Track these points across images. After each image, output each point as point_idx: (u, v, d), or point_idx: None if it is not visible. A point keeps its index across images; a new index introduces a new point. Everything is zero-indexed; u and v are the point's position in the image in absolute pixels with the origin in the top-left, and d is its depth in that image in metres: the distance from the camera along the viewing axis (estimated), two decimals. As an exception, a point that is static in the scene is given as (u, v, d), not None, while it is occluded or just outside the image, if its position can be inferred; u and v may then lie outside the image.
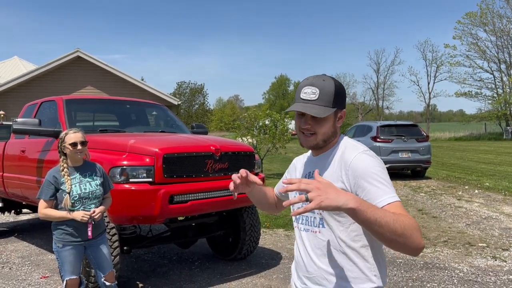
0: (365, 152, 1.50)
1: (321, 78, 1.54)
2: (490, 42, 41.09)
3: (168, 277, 4.81)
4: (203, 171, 4.32)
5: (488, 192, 10.04)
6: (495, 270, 4.80)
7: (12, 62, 25.17)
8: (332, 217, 1.50)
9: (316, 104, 1.50)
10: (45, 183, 3.15)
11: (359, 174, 1.43)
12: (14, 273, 5.05)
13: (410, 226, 1.28)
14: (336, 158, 1.55)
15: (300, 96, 1.54)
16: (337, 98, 1.53)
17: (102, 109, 6.28)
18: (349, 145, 1.57)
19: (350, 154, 1.50)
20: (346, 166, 1.47)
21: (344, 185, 1.46)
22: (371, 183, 1.40)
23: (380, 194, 1.38)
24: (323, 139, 1.55)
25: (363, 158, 1.47)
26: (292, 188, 1.27)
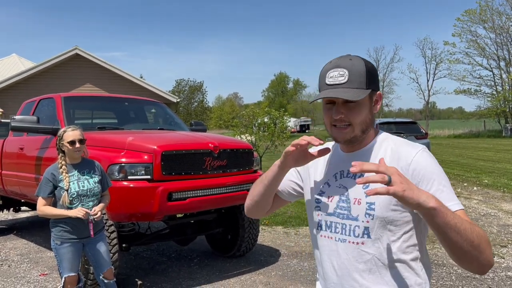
0: (426, 150, 1.31)
1: (347, 57, 1.32)
2: (490, 39, 41.09)
3: (167, 274, 4.81)
4: (202, 168, 4.32)
5: (487, 189, 10.05)
6: (493, 267, 4.81)
7: (10, 60, 25.11)
8: (384, 226, 1.27)
9: (347, 87, 1.27)
10: (43, 180, 3.14)
11: (424, 175, 1.24)
12: (13, 270, 5.05)
13: (485, 238, 1.13)
14: (386, 154, 1.32)
15: (326, 82, 1.30)
16: (370, 78, 1.30)
17: (100, 107, 6.27)
18: (399, 141, 1.35)
19: (409, 151, 1.29)
20: (406, 164, 1.26)
21: None
22: (437, 186, 1.22)
23: (447, 199, 1.20)
24: (361, 129, 1.31)
25: (426, 157, 1.28)
26: (370, 167, 1.08)
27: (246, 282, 4.51)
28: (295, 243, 6.02)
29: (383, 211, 1.26)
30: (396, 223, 1.27)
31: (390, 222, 1.27)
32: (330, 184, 1.41)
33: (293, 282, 4.50)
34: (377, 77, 1.35)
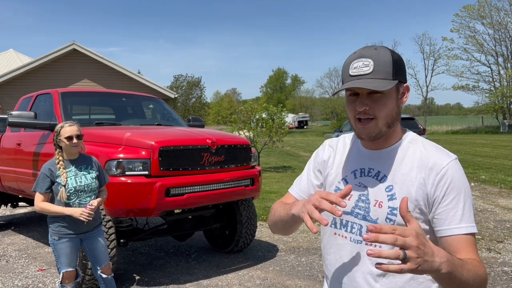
0: (457, 161, 1.23)
1: (371, 47, 1.23)
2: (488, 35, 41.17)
3: (165, 269, 4.82)
4: (200, 164, 4.32)
5: (484, 185, 10.09)
6: (489, 262, 4.84)
7: (7, 55, 25.02)
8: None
9: (372, 77, 1.19)
10: (41, 176, 3.14)
11: (452, 187, 1.18)
12: (11, 266, 5.05)
13: (483, 280, 1.09)
14: (414, 158, 1.25)
15: (350, 73, 1.22)
16: (397, 68, 1.22)
17: (98, 102, 6.26)
18: (430, 145, 1.27)
19: (442, 159, 1.21)
20: (436, 171, 1.19)
21: (426, 190, 1.20)
22: (458, 201, 1.17)
23: (460, 219, 1.15)
24: (386, 123, 1.23)
25: (458, 169, 1.21)
26: (386, 240, 0.95)
27: (244, 277, 4.52)
28: (292, 238, 6.04)
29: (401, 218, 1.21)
30: None
31: None
32: (348, 181, 1.33)
33: (291, 277, 4.52)
34: (404, 68, 1.27)
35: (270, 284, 4.33)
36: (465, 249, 1.14)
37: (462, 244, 1.14)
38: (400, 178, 1.23)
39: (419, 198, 1.20)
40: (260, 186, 4.98)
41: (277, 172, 13.55)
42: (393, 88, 1.22)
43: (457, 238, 1.15)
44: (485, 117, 41.32)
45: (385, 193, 1.24)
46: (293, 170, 13.99)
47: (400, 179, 1.23)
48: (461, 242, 1.14)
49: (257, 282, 4.39)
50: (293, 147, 24.73)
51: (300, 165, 15.58)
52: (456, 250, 1.14)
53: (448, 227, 1.16)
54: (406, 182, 1.22)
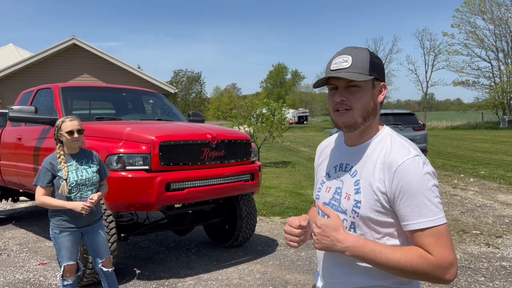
0: (415, 158, 1.26)
1: (352, 47, 1.35)
2: (488, 31, 41.04)
3: (165, 263, 4.85)
4: (200, 159, 4.34)
5: (483, 181, 10.12)
6: (488, 257, 4.86)
7: (7, 50, 24.97)
8: (368, 224, 1.31)
9: (349, 71, 1.30)
10: (42, 169, 3.16)
11: (404, 186, 1.23)
12: (12, 260, 5.08)
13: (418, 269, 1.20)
14: (379, 154, 1.31)
15: (330, 68, 1.34)
16: (374, 66, 1.32)
17: (98, 97, 6.27)
18: (397, 142, 1.32)
19: (399, 157, 1.26)
20: (391, 169, 1.26)
21: (385, 189, 1.27)
22: (413, 200, 1.22)
23: (417, 215, 1.22)
24: (361, 115, 1.32)
25: (414, 166, 1.24)
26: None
27: (244, 272, 4.55)
28: (292, 233, 6.06)
29: (366, 211, 1.30)
30: (379, 223, 1.31)
31: (373, 222, 1.31)
32: (330, 175, 1.46)
33: (290, 271, 4.55)
34: (381, 68, 1.36)
35: (269, 278, 4.36)
36: (419, 242, 1.23)
37: (418, 237, 1.23)
38: (365, 174, 1.33)
39: (379, 193, 1.28)
40: (260, 181, 5.00)
41: (277, 167, 13.57)
42: (369, 83, 1.33)
43: (415, 233, 1.24)
44: (485, 113, 41.29)
45: (353, 186, 1.35)
46: (293, 165, 14.01)
47: (365, 174, 1.33)
48: (418, 236, 1.23)
49: (256, 276, 4.42)
50: (293, 143, 24.74)
51: (300, 160, 15.60)
52: (415, 243, 1.24)
53: (407, 223, 1.25)
54: (369, 177, 1.31)
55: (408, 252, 1.22)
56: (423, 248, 1.22)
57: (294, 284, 4.19)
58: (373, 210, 1.29)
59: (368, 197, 1.30)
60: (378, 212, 1.29)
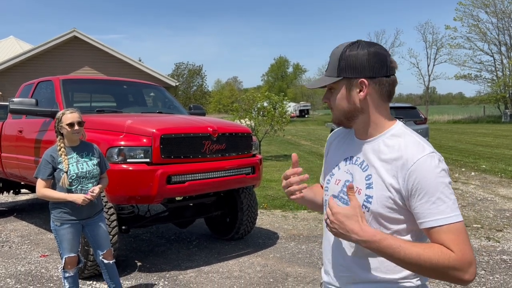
0: (432, 155, 1.24)
1: (336, 46, 1.34)
2: (491, 24, 40.77)
3: (166, 256, 4.87)
4: (201, 152, 4.33)
5: (485, 174, 10.11)
6: (488, 250, 4.87)
7: (8, 42, 24.92)
8: (378, 220, 1.29)
9: (326, 75, 1.33)
10: (43, 162, 3.16)
11: (421, 183, 1.21)
12: (13, 251, 5.10)
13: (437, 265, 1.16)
14: (394, 150, 1.29)
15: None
16: (345, 65, 1.29)
17: (99, 90, 6.25)
18: (411, 139, 1.30)
19: (414, 154, 1.24)
20: (406, 167, 1.23)
21: (399, 186, 1.25)
22: (430, 197, 1.20)
23: (435, 212, 1.19)
24: (341, 115, 1.35)
25: (429, 164, 1.22)
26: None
27: (244, 264, 4.57)
28: (293, 226, 6.08)
29: (378, 207, 1.28)
30: (389, 220, 1.29)
31: (383, 218, 1.29)
32: (340, 167, 1.44)
33: (291, 264, 4.56)
34: (358, 64, 1.28)
35: (270, 271, 4.37)
36: (438, 239, 1.20)
37: (436, 234, 1.20)
38: (377, 169, 1.30)
39: (392, 190, 1.26)
40: (261, 175, 5.00)
41: (278, 160, 13.57)
42: (340, 85, 1.32)
43: (433, 230, 1.21)
44: (487, 107, 41.14)
45: (364, 181, 1.32)
46: (294, 158, 13.98)
47: (378, 169, 1.30)
48: (437, 233, 1.20)
49: (257, 269, 4.43)
50: (294, 136, 24.72)
51: (301, 154, 15.60)
52: (434, 240, 1.21)
53: (424, 220, 1.21)
54: (382, 173, 1.28)
55: (428, 248, 1.19)
56: (443, 245, 1.18)
57: (294, 277, 4.20)
58: (384, 206, 1.27)
59: (380, 193, 1.28)
60: (390, 209, 1.27)
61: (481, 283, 3.98)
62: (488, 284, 3.95)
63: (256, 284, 4.03)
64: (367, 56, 1.28)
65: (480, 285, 3.94)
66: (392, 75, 1.32)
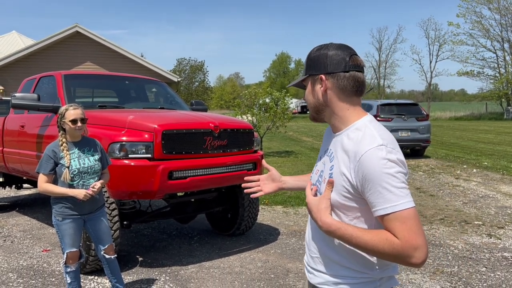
0: (380, 147, 1.29)
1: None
2: (494, 21, 40.56)
3: (167, 251, 4.88)
4: (202, 147, 4.33)
5: (486, 171, 10.09)
6: (489, 247, 4.87)
7: (10, 37, 24.92)
8: (338, 207, 1.39)
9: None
10: (44, 157, 3.16)
11: (368, 175, 1.27)
12: (16, 246, 5.13)
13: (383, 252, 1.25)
14: (351, 143, 1.36)
15: None
16: (310, 63, 1.46)
17: (101, 85, 6.25)
18: (368, 131, 1.35)
19: (364, 146, 1.30)
20: (356, 159, 1.31)
21: (351, 176, 1.32)
22: (377, 187, 1.26)
23: (382, 201, 1.25)
24: (312, 109, 1.51)
25: (375, 155, 1.27)
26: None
27: (246, 260, 4.58)
28: (294, 222, 6.09)
29: (335, 195, 1.38)
30: (345, 208, 1.38)
31: (341, 206, 1.38)
32: (320, 158, 1.57)
33: (292, 260, 4.57)
34: (319, 61, 1.42)
35: (271, 266, 4.38)
36: (388, 226, 1.27)
37: (386, 222, 1.27)
38: (338, 160, 1.40)
39: (346, 179, 1.35)
40: (262, 171, 5.00)
41: (280, 157, 13.57)
42: (307, 82, 1.49)
43: (383, 219, 1.28)
44: (489, 104, 41.01)
45: (328, 171, 1.44)
46: (296, 155, 14.00)
47: (338, 160, 1.40)
48: (386, 221, 1.27)
49: (258, 264, 4.44)
50: (296, 132, 24.70)
51: (303, 150, 15.59)
52: (386, 228, 1.28)
53: (374, 209, 1.29)
54: (340, 164, 1.38)
55: (376, 235, 1.27)
56: (391, 232, 1.26)
57: (295, 273, 4.21)
58: (340, 194, 1.36)
59: (337, 182, 1.37)
60: (345, 197, 1.35)
61: (482, 280, 3.99)
62: (489, 281, 3.95)
63: (257, 280, 4.04)
64: (327, 55, 1.41)
65: (482, 282, 3.94)
66: (353, 71, 1.40)
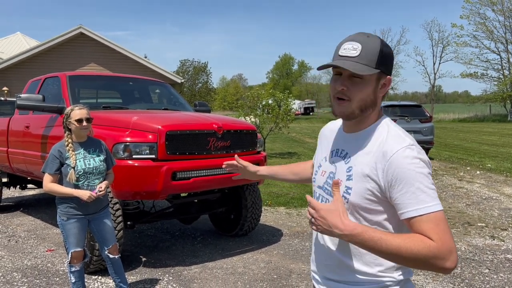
0: (410, 147, 1.25)
1: (365, 34, 1.32)
2: (498, 22, 40.50)
3: (170, 252, 4.90)
4: (206, 148, 4.35)
5: (490, 173, 10.07)
6: (492, 249, 4.87)
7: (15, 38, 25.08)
8: (357, 211, 1.32)
9: (356, 61, 1.27)
10: (50, 157, 3.19)
11: (400, 174, 1.22)
12: (20, 246, 5.16)
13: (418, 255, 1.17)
14: (375, 143, 1.31)
15: (338, 53, 1.32)
16: (383, 59, 1.29)
17: (105, 86, 6.28)
18: (393, 132, 1.32)
19: (393, 146, 1.26)
20: (385, 159, 1.25)
21: (378, 178, 1.27)
22: (410, 187, 1.21)
23: (415, 202, 1.21)
24: (359, 106, 1.31)
25: (407, 155, 1.24)
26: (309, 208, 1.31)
27: (248, 261, 4.59)
28: (297, 223, 6.10)
29: (356, 198, 1.31)
30: (368, 211, 1.31)
31: (362, 209, 1.31)
32: (327, 159, 1.48)
33: (294, 261, 4.58)
34: (390, 62, 1.34)
35: (274, 267, 4.39)
36: (419, 228, 1.21)
37: (417, 224, 1.21)
38: (358, 161, 1.33)
39: (371, 181, 1.28)
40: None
41: (283, 158, 13.58)
42: (373, 77, 1.30)
43: (413, 220, 1.22)
44: (492, 106, 40.88)
45: (345, 173, 1.36)
46: (299, 156, 14.01)
47: (358, 161, 1.33)
48: (417, 223, 1.21)
49: (261, 265, 4.46)
50: (299, 134, 24.70)
51: (306, 151, 15.59)
52: (414, 230, 1.22)
53: (405, 211, 1.23)
54: (362, 165, 1.31)
55: (408, 238, 1.19)
56: (423, 235, 1.19)
57: (298, 274, 4.22)
58: (363, 197, 1.29)
59: (359, 184, 1.30)
60: (368, 200, 1.29)
61: (485, 281, 3.98)
62: (492, 283, 3.95)
63: (260, 281, 4.06)
64: (392, 56, 1.35)
65: (484, 283, 3.94)
66: None
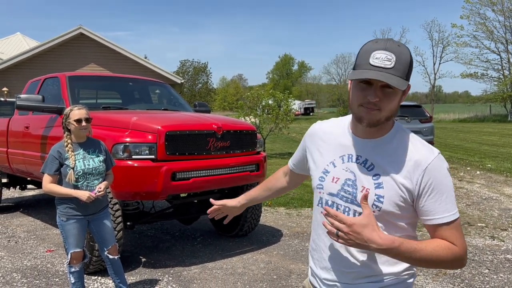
0: (441, 156, 1.34)
1: (395, 43, 1.27)
2: (498, 22, 40.43)
3: (170, 252, 4.90)
4: (205, 149, 4.35)
5: (490, 174, 10.07)
6: (492, 250, 4.86)
7: (15, 39, 25.08)
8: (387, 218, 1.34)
9: (392, 73, 1.23)
10: (49, 157, 3.19)
11: (434, 183, 1.29)
12: (20, 246, 5.15)
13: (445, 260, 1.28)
14: (403, 151, 1.33)
15: (370, 61, 1.26)
16: (410, 70, 1.30)
17: (105, 86, 6.29)
18: (417, 141, 1.37)
19: (427, 155, 1.31)
20: (420, 168, 1.29)
21: (412, 185, 1.30)
22: (440, 196, 1.29)
23: (442, 210, 1.29)
24: (387, 116, 1.30)
25: (441, 165, 1.31)
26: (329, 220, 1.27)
27: (248, 261, 4.59)
28: (297, 224, 6.10)
29: (389, 206, 1.32)
30: (396, 216, 1.34)
31: (392, 215, 1.34)
32: (336, 165, 1.42)
33: (294, 261, 4.57)
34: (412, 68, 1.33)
35: (274, 267, 4.39)
36: (442, 234, 1.31)
37: (441, 230, 1.31)
38: (387, 169, 1.33)
39: (404, 189, 1.31)
40: (265, 172, 5.01)
41: (283, 158, 13.57)
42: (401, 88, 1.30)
43: (440, 226, 1.31)
44: (493, 106, 40.83)
45: (372, 180, 1.34)
46: (299, 156, 13.98)
47: (387, 169, 1.33)
48: (443, 230, 1.30)
49: (261, 265, 4.45)
50: (299, 134, 24.69)
51: (306, 151, 15.58)
52: (440, 236, 1.31)
53: (433, 218, 1.30)
54: (393, 173, 1.32)
55: (437, 245, 1.28)
56: (446, 240, 1.29)
57: (298, 274, 4.22)
58: (396, 205, 1.32)
59: (392, 192, 1.31)
60: (399, 207, 1.32)
61: (485, 282, 3.98)
62: (492, 283, 3.94)
63: (260, 281, 4.05)
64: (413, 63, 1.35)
65: (484, 284, 3.94)
66: None
